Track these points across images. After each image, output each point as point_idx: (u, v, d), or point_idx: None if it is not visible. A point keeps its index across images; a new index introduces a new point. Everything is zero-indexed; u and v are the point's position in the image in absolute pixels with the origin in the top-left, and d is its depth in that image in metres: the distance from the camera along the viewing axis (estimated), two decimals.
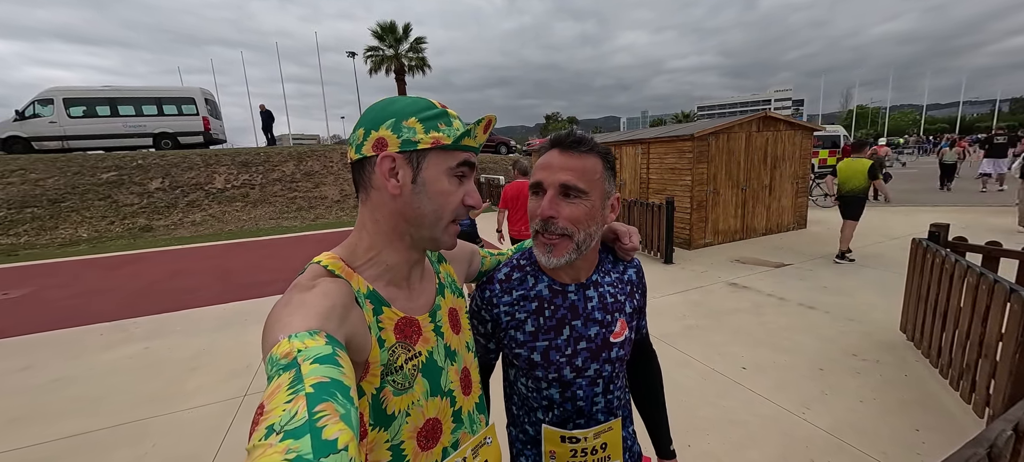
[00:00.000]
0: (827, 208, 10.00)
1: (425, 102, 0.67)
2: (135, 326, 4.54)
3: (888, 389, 2.76)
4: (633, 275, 1.00)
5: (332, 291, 0.59)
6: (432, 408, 0.71)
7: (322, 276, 0.63)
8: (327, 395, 0.42)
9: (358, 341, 0.60)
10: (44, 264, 8.21)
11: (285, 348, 0.46)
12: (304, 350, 0.46)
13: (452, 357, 0.76)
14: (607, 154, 0.86)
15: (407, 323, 0.69)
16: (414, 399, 0.68)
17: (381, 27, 23.57)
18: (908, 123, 72.96)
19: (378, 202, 0.67)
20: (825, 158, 17.86)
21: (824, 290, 4.60)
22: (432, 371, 0.71)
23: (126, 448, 2.53)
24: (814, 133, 8.13)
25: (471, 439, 0.78)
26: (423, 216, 0.67)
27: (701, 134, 6.56)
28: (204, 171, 13.37)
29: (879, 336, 3.49)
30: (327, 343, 0.48)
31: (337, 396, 0.42)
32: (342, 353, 0.49)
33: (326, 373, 0.44)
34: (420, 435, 0.69)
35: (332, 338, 0.50)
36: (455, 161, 0.68)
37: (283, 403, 0.40)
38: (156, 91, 15.22)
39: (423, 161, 0.66)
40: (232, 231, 11.18)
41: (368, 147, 0.65)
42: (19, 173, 11.95)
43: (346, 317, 0.58)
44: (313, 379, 0.42)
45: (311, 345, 0.47)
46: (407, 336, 0.68)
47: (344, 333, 0.56)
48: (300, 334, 0.48)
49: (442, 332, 0.75)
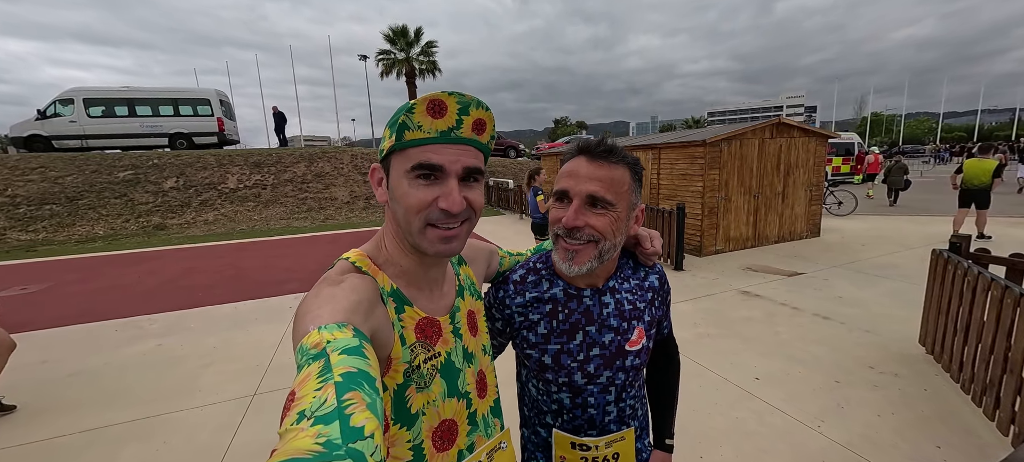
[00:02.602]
0: (841, 216, 9.84)
1: (408, 105, 0.62)
2: (149, 323, 4.61)
3: (907, 404, 2.69)
4: (655, 281, 0.98)
5: (359, 286, 0.60)
6: (448, 409, 0.71)
7: (350, 272, 0.64)
8: (355, 384, 0.43)
9: (382, 336, 0.62)
10: (61, 260, 8.39)
11: (315, 338, 0.48)
12: (333, 341, 0.47)
13: (469, 359, 0.77)
14: (635, 164, 0.84)
15: (428, 323, 0.70)
16: (431, 398, 0.68)
17: (393, 31, 23.83)
18: (924, 131, 71.62)
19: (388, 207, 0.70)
20: (839, 165, 17.61)
21: (839, 300, 4.52)
22: (450, 372, 0.72)
23: (139, 443, 2.56)
24: (828, 140, 8.02)
25: (486, 443, 0.78)
26: (401, 222, 0.67)
27: (714, 140, 6.50)
28: (217, 171, 13.58)
29: (897, 349, 3.41)
30: (354, 336, 0.50)
31: (364, 386, 0.43)
32: (368, 346, 0.51)
33: (354, 364, 0.45)
34: (435, 435, 0.70)
35: (359, 331, 0.52)
36: (410, 163, 0.63)
37: (313, 390, 0.41)
38: (172, 92, 15.54)
39: (389, 166, 0.67)
40: (244, 230, 11.33)
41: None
42: (39, 171, 12.25)
43: (371, 312, 0.60)
44: (341, 369, 0.44)
45: (339, 336, 0.48)
46: (428, 336, 0.69)
47: (369, 327, 0.58)
48: (329, 326, 0.50)
49: (461, 334, 0.76)
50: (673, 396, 1.09)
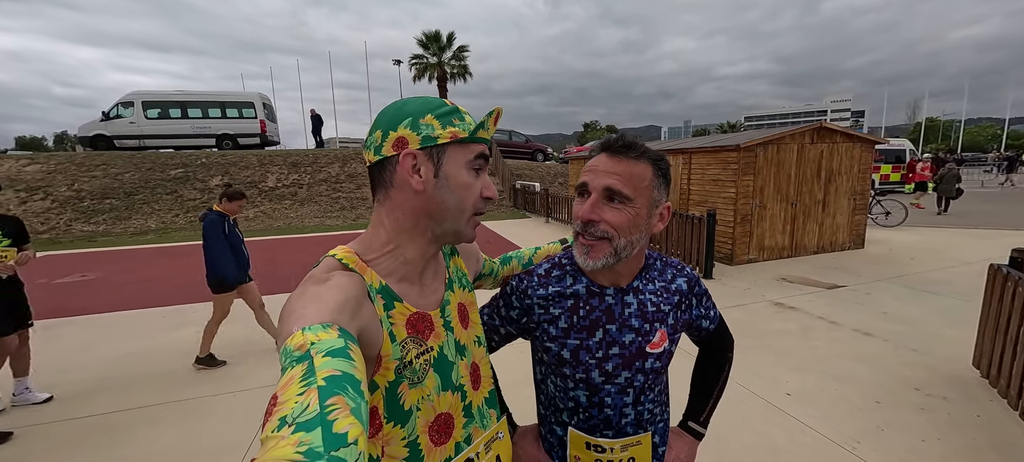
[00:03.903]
0: (888, 227, 9.25)
1: (437, 100, 0.69)
2: (192, 311, 4.89)
3: (956, 430, 2.49)
4: (683, 285, 0.96)
5: (346, 284, 0.59)
6: (443, 403, 0.71)
7: (336, 269, 0.63)
8: (339, 389, 0.42)
9: (370, 335, 0.61)
10: (116, 250, 9.05)
11: (299, 340, 0.47)
12: (317, 343, 0.46)
13: (462, 351, 0.77)
14: (659, 161, 0.84)
15: (419, 318, 0.70)
16: (425, 393, 0.68)
17: (426, 36, 24.35)
18: (987, 138, 66.24)
19: (399, 200, 0.68)
20: (888, 173, 16.55)
21: (884, 316, 4.24)
22: (443, 365, 0.72)
23: (177, 425, 2.73)
24: (876, 146, 7.56)
25: (483, 434, 0.78)
26: (446, 209, 0.69)
27: (748, 144, 6.27)
28: (258, 170, 14.28)
29: (947, 370, 3.16)
30: (340, 336, 0.49)
31: (348, 390, 0.43)
32: (354, 347, 0.50)
33: (338, 366, 0.44)
34: (432, 430, 0.70)
35: (345, 331, 0.51)
36: (472, 154, 0.69)
37: (296, 395, 0.41)
38: (220, 96, 16.49)
39: (443, 156, 0.67)
40: (280, 227, 11.86)
41: (388, 147, 0.66)
42: (102, 168, 13.27)
43: (359, 311, 0.59)
44: (325, 372, 0.43)
45: (324, 338, 0.47)
46: (419, 331, 0.69)
47: (356, 326, 0.57)
48: (313, 327, 0.49)
49: (452, 327, 0.76)
50: (711, 384, 1.07)
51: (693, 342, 1.09)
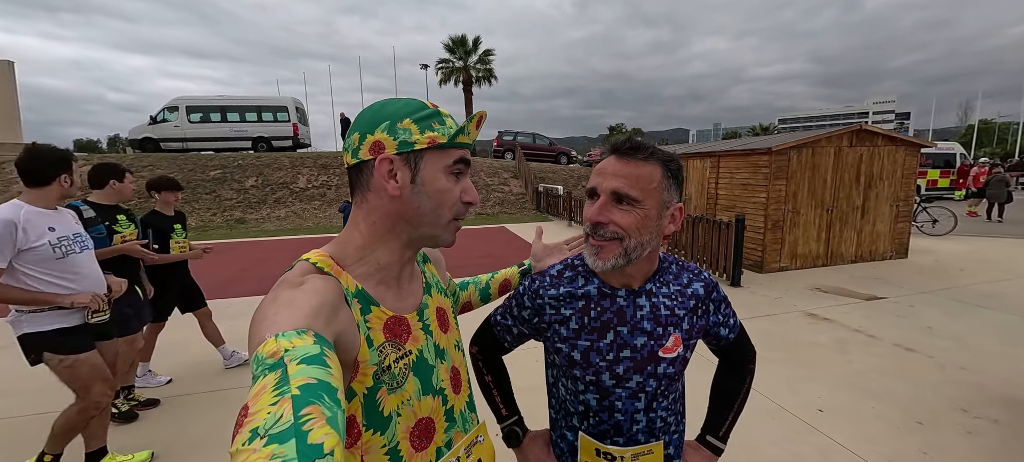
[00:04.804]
0: (936, 235, 8.69)
1: (418, 103, 0.68)
2: (227, 306, 5.12)
3: (1010, 456, 2.30)
4: (699, 289, 0.94)
5: (321, 288, 0.57)
6: (424, 407, 0.70)
7: (311, 273, 0.61)
8: (314, 397, 0.40)
9: (347, 340, 0.59)
10: None
11: (272, 347, 0.45)
12: (291, 350, 0.45)
13: (441, 355, 0.76)
14: (669, 162, 0.83)
15: (396, 321, 0.68)
16: (405, 398, 0.67)
17: (453, 40, 24.72)
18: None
19: (376, 204, 0.67)
20: (935, 179, 15.59)
21: (928, 331, 3.98)
22: (423, 369, 0.70)
23: (210, 412, 2.87)
24: (921, 150, 7.13)
25: (464, 438, 0.77)
26: (423, 215, 0.68)
27: (780, 148, 6.03)
28: (290, 172, 14.83)
29: (999, 390, 2.94)
30: (315, 342, 0.47)
31: (324, 399, 0.41)
32: (330, 353, 0.48)
33: (313, 374, 0.43)
34: (413, 435, 0.68)
35: (320, 337, 0.49)
36: (451, 159, 0.68)
37: (268, 405, 0.39)
38: (256, 100, 17.27)
39: (420, 161, 0.66)
40: (310, 227, 12.27)
41: (364, 151, 0.65)
42: (148, 169, 14.09)
43: (335, 315, 0.57)
44: (300, 381, 0.41)
45: (299, 344, 0.46)
46: (396, 334, 0.68)
47: (333, 332, 0.55)
48: (287, 333, 0.47)
49: (431, 330, 0.75)
50: (731, 397, 1.04)
51: (712, 352, 1.05)
